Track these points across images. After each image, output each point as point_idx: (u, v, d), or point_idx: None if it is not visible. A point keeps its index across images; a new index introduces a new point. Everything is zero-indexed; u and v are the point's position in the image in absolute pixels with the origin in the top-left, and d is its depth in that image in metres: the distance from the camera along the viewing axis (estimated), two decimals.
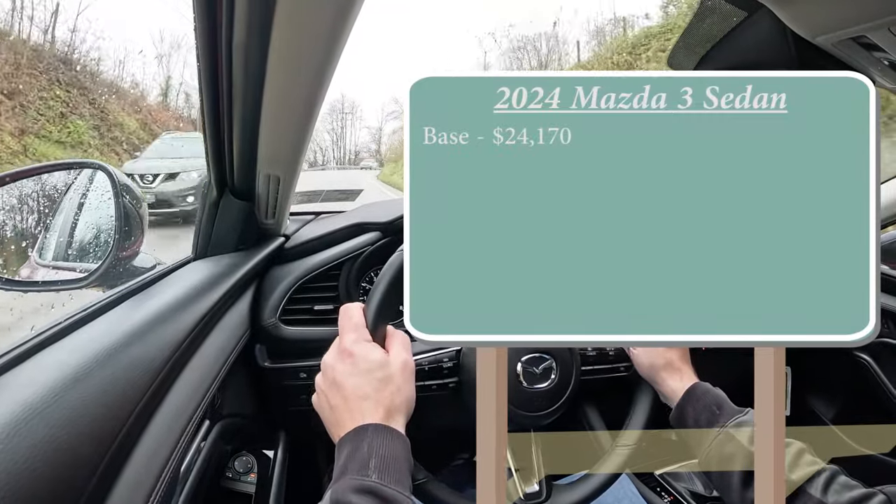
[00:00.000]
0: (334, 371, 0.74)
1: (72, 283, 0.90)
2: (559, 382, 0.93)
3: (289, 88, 0.82)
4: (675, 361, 0.96)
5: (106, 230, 0.95)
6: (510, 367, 0.91)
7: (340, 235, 1.30)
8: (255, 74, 0.78)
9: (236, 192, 1.10)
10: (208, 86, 0.82)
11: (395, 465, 0.66)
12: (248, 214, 1.14)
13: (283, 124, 0.92)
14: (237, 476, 1.18)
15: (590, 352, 1.03)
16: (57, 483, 0.50)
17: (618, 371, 1.04)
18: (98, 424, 0.58)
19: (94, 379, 0.60)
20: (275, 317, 1.16)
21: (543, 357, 0.93)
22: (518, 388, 0.91)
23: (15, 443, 0.47)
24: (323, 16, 0.68)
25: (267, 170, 1.05)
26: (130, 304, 0.81)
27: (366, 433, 0.68)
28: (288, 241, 1.31)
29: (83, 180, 1.03)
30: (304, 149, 1.02)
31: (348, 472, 0.64)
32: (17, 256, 0.98)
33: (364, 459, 0.65)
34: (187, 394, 0.78)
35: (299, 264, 1.25)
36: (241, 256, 1.12)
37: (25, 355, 0.61)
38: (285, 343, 1.16)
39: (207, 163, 1.02)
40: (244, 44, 0.74)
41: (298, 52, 0.74)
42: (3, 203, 0.92)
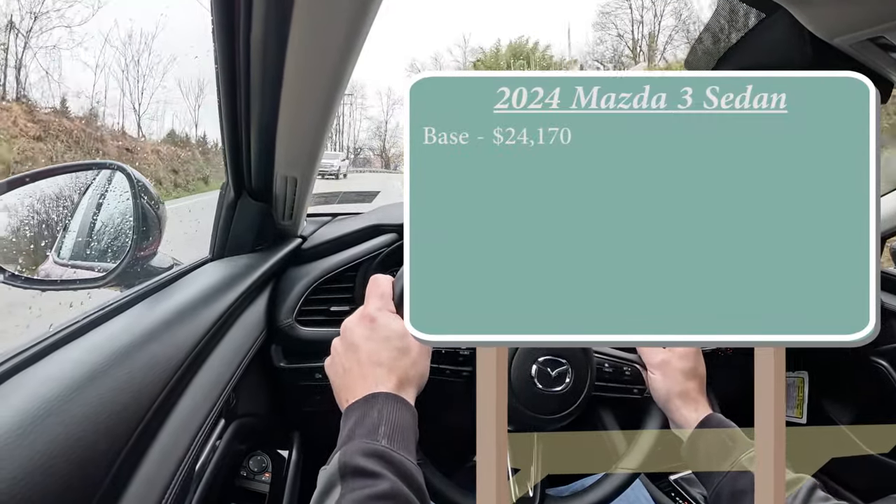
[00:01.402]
0: (353, 334, 0.74)
1: (90, 281, 0.91)
2: (573, 388, 0.93)
3: (306, 91, 0.83)
4: (692, 392, 0.94)
5: (124, 230, 0.96)
6: (525, 367, 0.91)
7: (357, 237, 1.31)
8: (272, 77, 0.79)
9: (254, 193, 1.11)
10: (226, 88, 0.83)
11: (403, 434, 0.66)
12: (266, 216, 1.15)
13: (300, 126, 0.93)
14: (251, 475, 1.18)
15: (606, 368, 1.02)
16: (73, 479, 0.51)
17: (631, 392, 1.03)
18: (114, 422, 0.59)
19: (110, 377, 0.60)
20: (291, 317, 1.17)
21: (559, 361, 0.92)
22: (531, 388, 0.91)
23: (32, 439, 0.48)
24: (340, 14, 0.68)
25: (284, 171, 1.06)
26: (148, 303, 0.81)
27: (376, 401, 0.68)
28: (305, 242, 1.31)
29: (102, 181, 1.04)
30: (320, 151, 1.03)
31: (356, 436, 0.64)
32: (37, 255, 0.99)
33: (374, 425, 0.65)
34: (203, 393, 0.79)
35: (316, 265, 1.25)
36: (258, 257, 1.13)
37: (44, 353, 0.61)
38: (301, 343, 1.17)
39: (225, 164, 1.03)
40: (261, 45, 0.74)
41: (316, 54, 0.75)
42: (23, 203, 0.94)
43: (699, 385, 0.96)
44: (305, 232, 1.35)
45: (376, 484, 0.58)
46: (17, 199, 0.92)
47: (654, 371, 0.99)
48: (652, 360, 0.99)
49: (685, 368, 0.95)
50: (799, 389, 1.52)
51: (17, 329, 3.15)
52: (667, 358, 0.97)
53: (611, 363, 1.03)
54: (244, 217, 1.12)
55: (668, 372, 0.96)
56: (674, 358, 0.97)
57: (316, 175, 1.12)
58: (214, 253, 1.13)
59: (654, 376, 0.98)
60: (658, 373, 0.98)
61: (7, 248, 0.92)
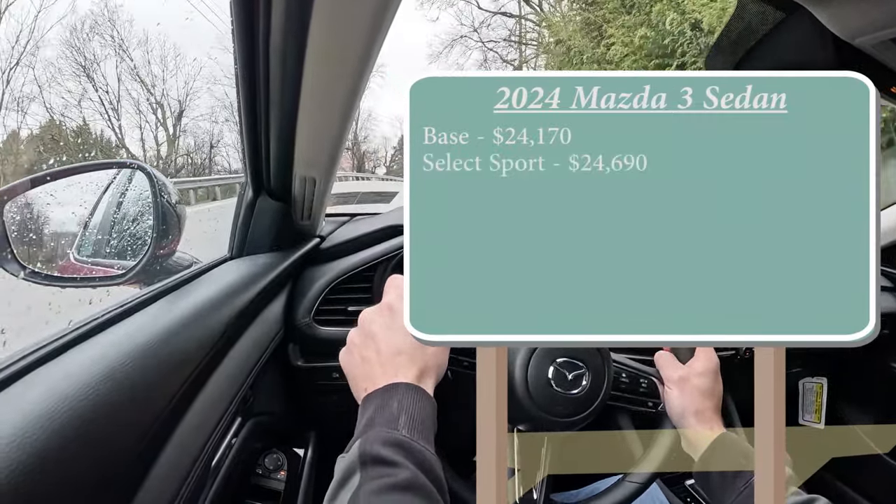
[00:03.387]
0: (372, 324, 0.74)
1: (109, 279, 0.92)
2: (588, 392, 0.92)
3: (325, 91, 0.83)
4: (708, 411, 0.93)
5: (143, 229, 0.97)
6: (542, 368, 0.91)
7: (375, 237, 1.31)
8: (291, 77, 0.79)
9: (272, 193, 1.11)
10: (246, 88, 0.83)
11: (423, 424, 0.65)
12: (284, 215, 1.15)
13: (319, 127, 0.93)
14: (267, 473, 1.19)
15: (623, 378, 1.02)
16: (89, 474, 0.52)
17: (645, 405, 1.02)
18: (131, 418, 0.59)
19: (128, 374, 0.61)
20: (309, 316, 1.17)
21: (577, 364, 0.92)
22: (548, 390, 0.90)
23: (50, 434, 0.49)
24: (360, 16, 0.68)
25: (303, 172, 1.06)
26: (166, 301, 0.82)
27: (396, 390, 0.67)
28: (323, 241, 1.32)
29: (122, 180, 1.05)
30: (340, 152, 1.03)
31: (376, 425, 0.63)
32: (57, 253, 1.00)
33: (393, 415, 0.64)
34: (220, 390, 0.79)
35: (334, 265, 1.25)
36: (277, 257, 1.14)
37: (63, 349, 0.62)
38: (318, 343, 1.17)
39: (244, 164, 1.03)
40: (281, 46, 0.74)
41: (336, 55, 0.75)
42: (44, 201, 0.95)
43: (716, 405, 0.95)
44: (324, 232, 1.36)
45: (396, 473, 0.58)
46: (38, 196, 0.94)
47: (671, 387, 0.98)
48: (670, 375, 0.98)
49: (703, 387, 0.94)
50: (818, 395, 1.50)
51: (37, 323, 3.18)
52: (685, 375, 0.96)
53: (628, 374, 1.02)
54: (263, 216, 1.13)
55: (686, 389, 0.95)
56: (693, 375, 0.95)
57: (335, 176, 1.13)
58: (233, 252, 1.14)
59: (671, 392, 0.97)
60: (675, 389, 0.97)
61: (28, 246, 0.94)
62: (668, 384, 0.98)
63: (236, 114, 0.92)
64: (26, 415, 0.49)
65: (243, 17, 0.72)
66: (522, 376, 0.89)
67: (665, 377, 1.00)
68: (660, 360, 1.02)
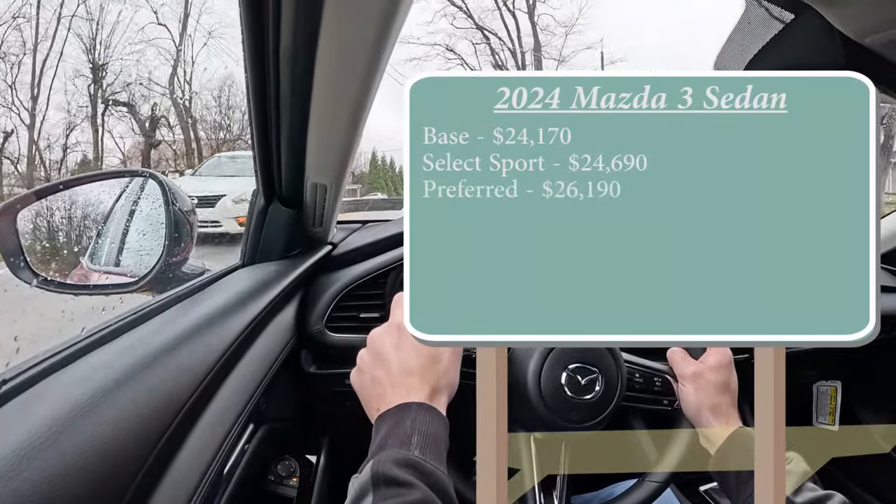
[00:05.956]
0: (382, 344, 0.74)
1: (122, 286, 0.93)
2: (602, 396, 0.91)
3: (336, 98, 0.83)
4: (723, 406, 0.92)
5: (156, 237, 0.97)
6: (555, 374, 0.90)
7: (387, 244, 1.31)
8: (302, 84, 0.79)
9: (284, 200, 1.12)
10: (256, 95, 0.84)
11: (436, 444, 0.65)
12: (296, 222, 1.15)
13: (330, 134, 0.93)
14: (279, 480, 1.19)
15: (636, 378, 1.01)
16: (102, 480, 0.52)
17: (660, 404, 1.02)
18: (144, 425, 0.59)
19: (141, 380, 0.61)
20: (321, 323, 1.17)
21: (590, 369, 0.91)
22: (561, 395, 0.90)
23: (63, 440, 0.49)
24: (369, 21, 0.68)
25: (314, 178, 1.06)
26: (179, 308, 0.83)
27: (409, 410, 0.67)
28: (335, 249, 1.32)
29: (134, 188, 1.06)
30: (351, 158, 1.03)
31: (388, 446, 0.63)
32: (70, 261, 1.01)
33: (406, 435, 0.64)
34: (232, 397, 0.79)
35: (346, 272, 1.26)
36: (289, 264, 1.14)
37: (76, 355, 0.62)
38: (331, 349, 1.17)
39: (255, 171, 1.04)
40: (291, 53, 0.75)
41: (345, 61, 0.75)
42: (57, 209, 0.96)
43: (731, 399, 0.94)
44: (336, 239, 1.36)
45: (408, 494, 0.58)
46: (51, 205, 0.94)
47: (685, 383, 0.97)
48: (684, 371, 0.98)
49: (718, 382, 0.94)
50: (832, 398, 1.49)
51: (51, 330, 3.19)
52: (699, 370, 0.95)
53: (641, 373, 1.02)
54: (275, 224, 1.13)
55: (701, 385, 0.94)
56: (707, 371, 0.95)
57: (347, 182, 1.13)
58: (245, 259, 1.15)
59: (686, 388, 0.97)
60: (690, 385, 0.96)
61: (42, 254, 0.94)
62: (683, 381, 0.98)
63: (247, 119, 0.92)
64: (39, 421, 0.49)
65: (253, 27, 0.72)
66: (535, 383, 0.89)
67: (679, 374, 0.99)
68: (672, 356, 1.01)
